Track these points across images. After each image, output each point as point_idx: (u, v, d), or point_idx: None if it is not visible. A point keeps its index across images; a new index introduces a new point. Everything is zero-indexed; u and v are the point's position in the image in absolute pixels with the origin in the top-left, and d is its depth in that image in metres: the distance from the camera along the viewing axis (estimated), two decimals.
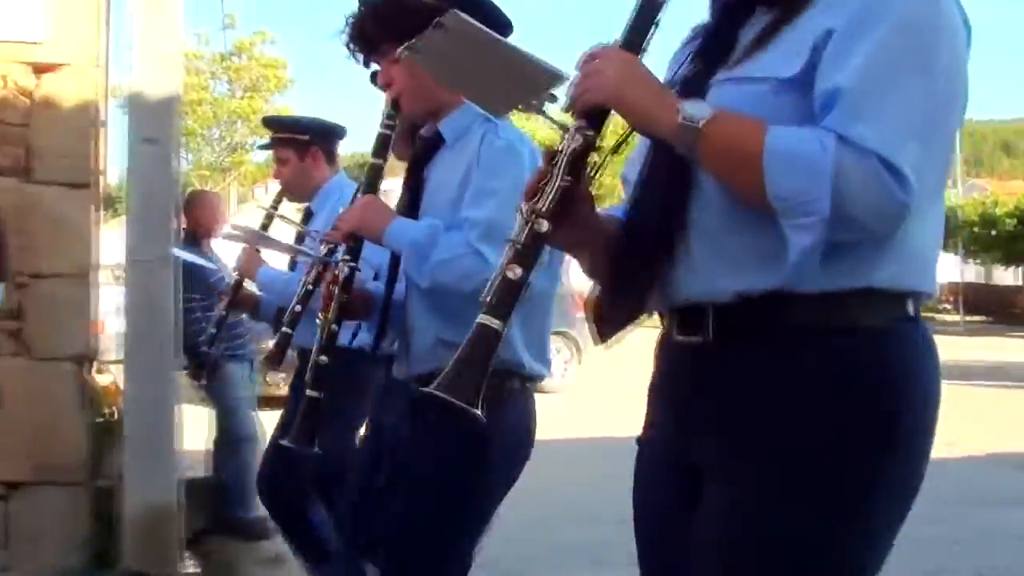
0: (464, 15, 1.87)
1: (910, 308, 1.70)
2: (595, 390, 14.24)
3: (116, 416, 5.62)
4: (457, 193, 2.70)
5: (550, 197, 1.69)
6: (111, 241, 6.61)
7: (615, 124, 1.76)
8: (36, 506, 5.32)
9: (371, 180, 2.89)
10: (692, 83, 1.76)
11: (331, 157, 4.65)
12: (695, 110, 1.62)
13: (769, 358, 1.68)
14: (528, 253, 1.69)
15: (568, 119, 1.74)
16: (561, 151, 1.70)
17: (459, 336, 1.68)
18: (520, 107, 1.95)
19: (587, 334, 14.14)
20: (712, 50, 1.79)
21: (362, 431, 3.21)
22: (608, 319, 1.80)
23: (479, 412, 1.60)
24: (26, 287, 5.27)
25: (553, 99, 1.82)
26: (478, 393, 1.62)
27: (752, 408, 1.68)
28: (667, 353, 1.87)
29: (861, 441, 1.63)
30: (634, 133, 1.80)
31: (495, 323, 1.65)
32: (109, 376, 6.05)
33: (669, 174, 1.72)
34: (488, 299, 1.67)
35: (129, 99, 5.48)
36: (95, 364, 5.63)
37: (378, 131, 2.84)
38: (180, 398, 5.35)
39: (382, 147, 2.86)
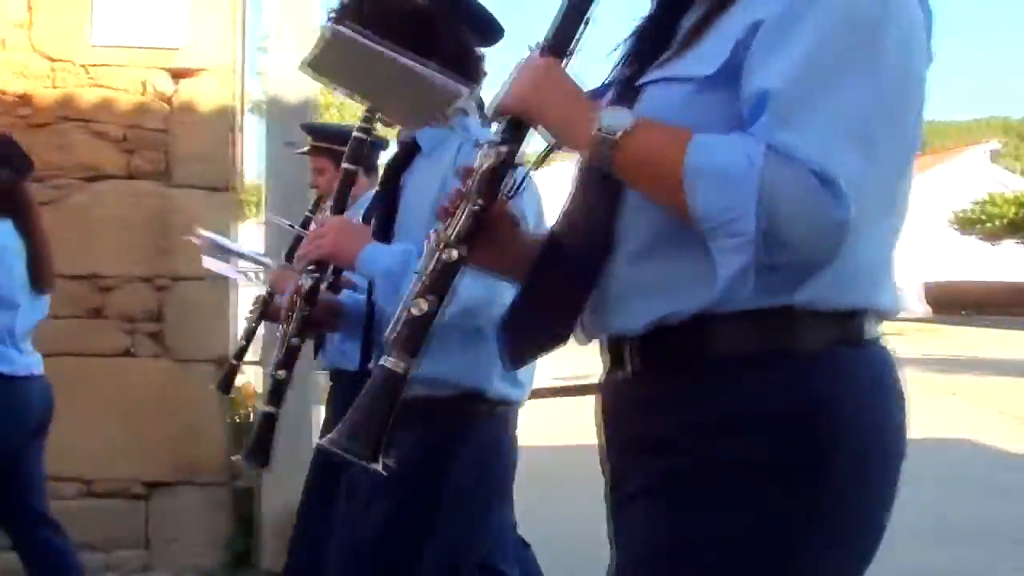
0: (347, 28, 1.76)
1: (856, 329, 1.48)
2: None
3: (253, 417, 5.66)
4: (432, 211, 2.47)
5: (459, 222, 1.54)
6: (248, 243, 6.68)
7: None
8: (176, 506, 5.40)
9: (342, 189, 2.73)
10: (627, 84, 1.56)
11: (370, 169, 4.49)
12: (613, 120, 1.43)
13: (692, 392, 1.48)
14: (436, 285, 1.54)
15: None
16: (476, 169, 1.55)
17: (428, 368, 1.57)
18: (431, 121, 1.82)
19: None
20: (650, 45, 1.59)
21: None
22: (527, 342, 1.59)
23: (378, 466, 1.48)
24: (166, 290, 5.38)
25: (464, 112, 1.68)
26: (378, 445, 1.48)
27: (675, 447, 1.48)
28: (602, 384, 1.68)
29: (787, 486, 1.42)
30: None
31: (399, 366, 1.51)
32: (245, 377, 6.09)
33: (598, 189, 1.54)
34: (392, 337, 1.53)
35: (267, 103, 5.53)
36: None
37: (353, 135, 2.69)
38: (318, 399, 5.36)
39: (357, 152, 2.70)
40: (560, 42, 1.55)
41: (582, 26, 1.56)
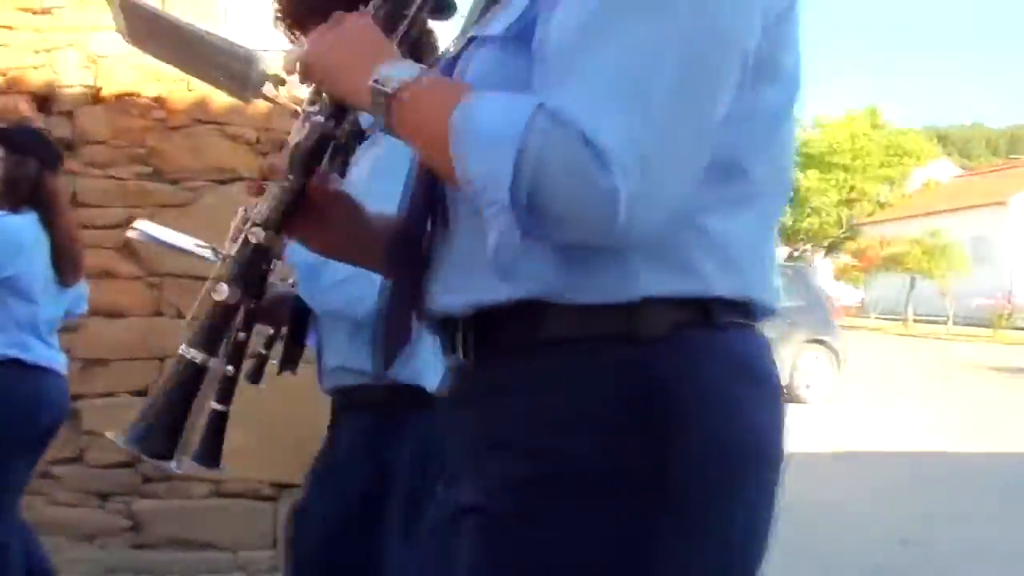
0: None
1: (712, 315, 1.27)
2: (855, 401, 13.65)
3: None
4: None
5: (268, 202, 1.40)
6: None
7: None
8: None
9: None
10: (462, 49, 1.40)
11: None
12: (392, 72, 1.25)
13: (520, 384, 1.30)
14: (242, 270, 1.39)
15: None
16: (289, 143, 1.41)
17: (359, 362, 1.42)
18: (247, 91, 1.66)
19: (846, 343, 13.81)
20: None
21: None
22: (393, 338, 1.44)
23: (173, 465, 1.35)
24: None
25: (269, 79, 1.52)
26: (174, 442, 1.35)
27: (511, 440, 1.29)
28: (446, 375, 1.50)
29: (629, 499, 1.22)
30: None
31: (198, 356, 1.36)
32: None
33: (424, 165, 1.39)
34: (194, 326, 1.39)
35: None
36: None
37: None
38: None
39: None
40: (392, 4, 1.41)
41: None
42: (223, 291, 1.37)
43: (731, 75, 1.21)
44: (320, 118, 1.37)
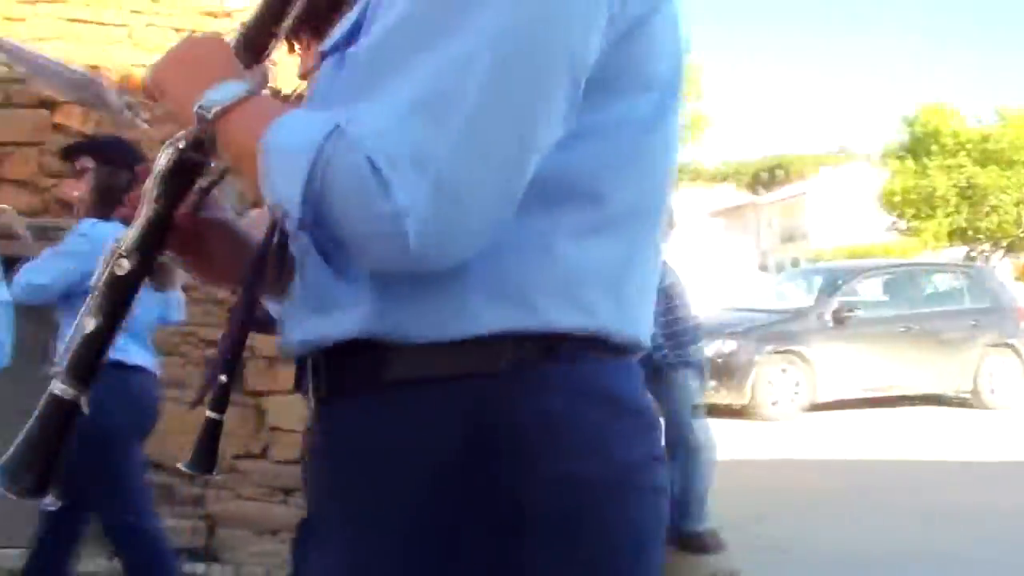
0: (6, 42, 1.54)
1: (556, 353, 1.19)
2: None
3: None
4: None
5: (133, 230, 1.35)
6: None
7: None
8: None
9: None
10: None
11: None
12: (218, 95, 1.22)
13: (365, 426, 1.24)
14: (107, 301, 1.35)
15: None
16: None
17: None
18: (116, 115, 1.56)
19: None
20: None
21: None
22: (212, 370, 1.39)
23: (47, 499, 1.34)
24: None
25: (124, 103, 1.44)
26: (46, 478, 1.32)
27: (354, 485, 1.24)
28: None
29: (472, 546, 1.16)
30: None
31: (69, 392, 1.32)
32: None
33: None
34: (65, 361, 1.34)
35: None
36: None
37: None
38: None
39: None
40: (254, 26, 1.38)
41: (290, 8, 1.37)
42: (91, 324, 1.35)
43: (556, 90, 1.13)
44: (181, 143, 1.33)
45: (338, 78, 1.25)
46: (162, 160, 1.35)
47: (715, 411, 6.84)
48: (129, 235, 1.36)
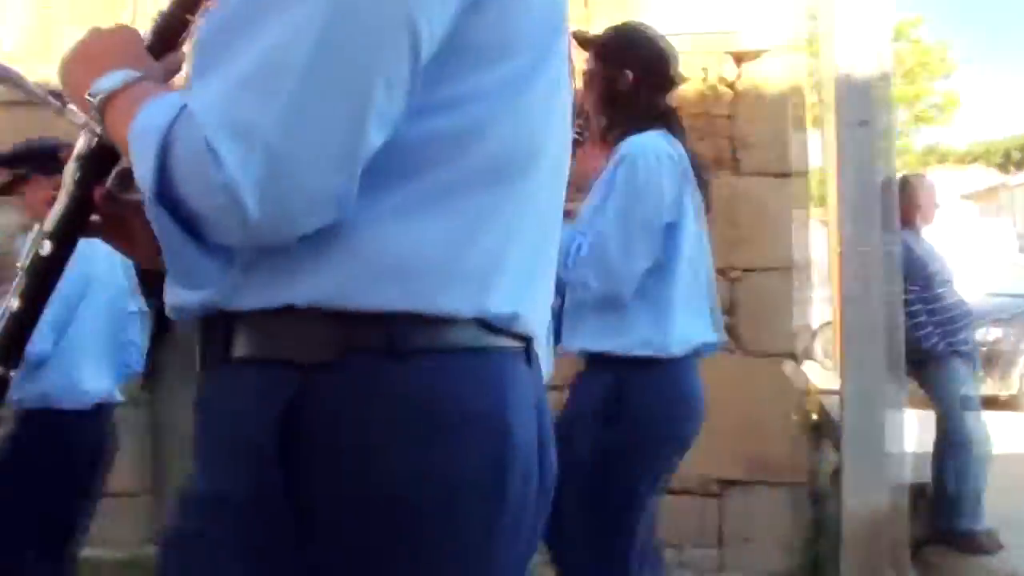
0: None
1: (391, 337, 1.15)
2: None
3: (819, 415, 5.47)
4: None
5: (54, 212, 1.39)
6: (815, 233, 6.45)
7: None
8: (749, 506, 5.29)
9: None
10: None
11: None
12: (108, 82, 1.26)
13: (206, 401, 1.27)
14: (31, 281, 1.40)
15: None
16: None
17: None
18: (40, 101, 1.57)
19: None
20: None
21: None
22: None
23: None
24: (738, 281, 5.29)
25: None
26: None
27: (200, 457, 1.26)
28: None
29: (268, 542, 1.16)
30: None
31: None
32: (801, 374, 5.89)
33: None
34: None
35: (836, 81, 5.24)
36: (803, 362, 5.54)
37: None
38: (901, 397, 5.01)
39: None
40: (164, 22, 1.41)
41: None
42: (14, 304, 1.40)
43: (393, 57, 1.13)
44: (96, 128, 1.36)
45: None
46: (81, 143, 1.40)
47: (982, 403, 6.45)
48: (50, 217, 1.41)
